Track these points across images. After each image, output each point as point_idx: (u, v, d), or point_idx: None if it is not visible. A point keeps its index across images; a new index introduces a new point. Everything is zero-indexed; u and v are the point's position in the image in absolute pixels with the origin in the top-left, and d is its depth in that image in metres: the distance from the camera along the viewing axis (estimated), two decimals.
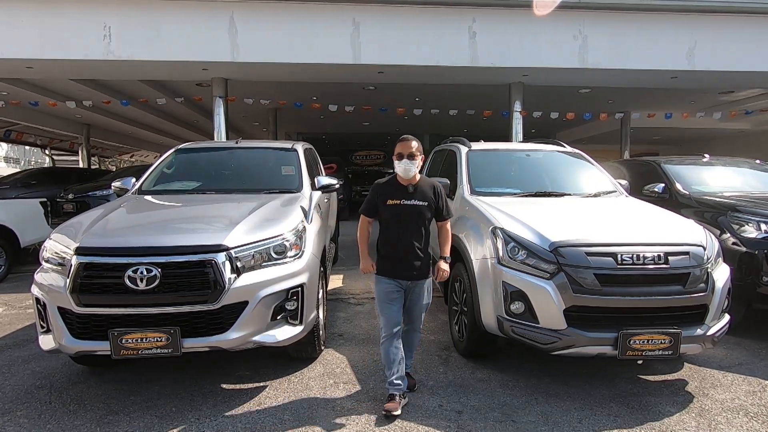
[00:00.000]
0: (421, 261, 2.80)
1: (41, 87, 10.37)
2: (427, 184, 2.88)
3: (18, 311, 4.88)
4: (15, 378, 3.25)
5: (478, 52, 7.44)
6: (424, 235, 2.81)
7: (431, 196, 2.82)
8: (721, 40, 7.66)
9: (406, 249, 2.78)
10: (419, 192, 2.81)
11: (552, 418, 2.71)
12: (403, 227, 2.78)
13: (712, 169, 5.60)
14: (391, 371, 2.77)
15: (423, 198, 2.80)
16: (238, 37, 7.10)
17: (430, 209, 2.81)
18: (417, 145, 2.78)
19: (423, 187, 2.84)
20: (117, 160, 24.88)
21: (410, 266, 2.78)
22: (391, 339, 2.78)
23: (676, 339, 2.76)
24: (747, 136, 16.49)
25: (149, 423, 2.65)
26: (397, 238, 2.79)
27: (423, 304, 2.91)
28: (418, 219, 2.79)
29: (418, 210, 2.78)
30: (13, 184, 8.80)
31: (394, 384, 2.76)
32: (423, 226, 2.81)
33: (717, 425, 2.65)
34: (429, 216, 2.82)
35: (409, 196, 2.79)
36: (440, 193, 2.87)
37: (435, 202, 2.83)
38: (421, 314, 2.95)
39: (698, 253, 2.96)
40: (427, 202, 2.80)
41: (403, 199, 2.78)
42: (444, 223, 2.94)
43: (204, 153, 4.86)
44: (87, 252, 2.71)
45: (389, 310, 2.79)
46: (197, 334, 2.71)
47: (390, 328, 2.78)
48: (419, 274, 2.82)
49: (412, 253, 2.78)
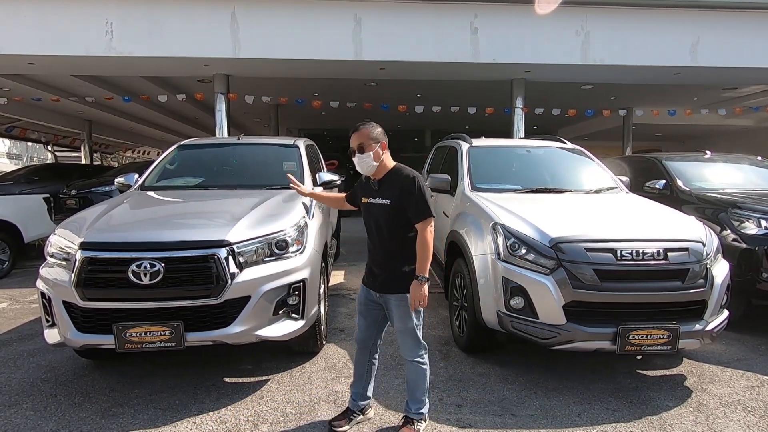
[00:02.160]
0: (385, 272, 2.35)
1: (43, 83, 10.40)
2: (395, 177, 2.35)
3: (23, 306, 4.92)
4: (21, 371, 3.29)
5: (480, 49, 7.44)
6: (389, 240, 2.33)
7: (396, 193, 2.29)
8: (725, 35, 7.64)
9: (372, 255, 2.45)
10: (382, 188, 2.36)
11: (551, 412, 2.73)
12: (370, 229, 2.43)
13: (714, 165, 5.61)
14: (352, 381, 2.60)
15: (385, 195, 2.33)
16: (240, 33, 7.11)
17: (394, 209, 2.29)
18: (367, 132, 2.32)
19: (389, 182, 2.35)
20: (119, 156, 24.94)
21: (374, 275, 2.41)
22: (361, 351, 2.55)
23: (675, 334, 2.78)
24: (749, 133, 16.43)
25: (153, 415, 2.68)
26: (369, 241, 2.47)
27: (399, 327, 2.37)
28: (382, 221, 2.33)
29: (380, 210, 2.34)
30: (16, 180, 8.86)
31: (351, 398, 2.58)
32: (389, 229, 2.32)
33: (715, 420, 2.67)
34: (394, 217, 2.30)
35: (374, 193, 2.38)
36: (410, 187, 2.29)
37: (398, 200, 2.29)
38: (403, 338, 2.39)
39: (697, 249, 2.97)
40: (390, 201, 2.30)
41: (369, 197, 2.40)
42: (420, 227, 2.28)
43: (206, 149, 4.89)
44: (91, 247, 2.73)
45: (360, 322, 2.53)
46: (200, 328, 2.74)
47: (359, 341, 2.54)
48: (384, 288, 2.37)
49: (376, 261, 2.41)
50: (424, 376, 2.44)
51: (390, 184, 2.35)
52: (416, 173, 2.37)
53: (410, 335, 2.39)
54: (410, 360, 2.42)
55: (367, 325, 2.51)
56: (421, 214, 2.27)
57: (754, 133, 16.23)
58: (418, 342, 2.41)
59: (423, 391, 2.45)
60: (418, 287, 2.27)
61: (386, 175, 2.38)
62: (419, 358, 2.42)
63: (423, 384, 2.44)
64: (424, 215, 2.28)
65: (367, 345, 2.53)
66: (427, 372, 2.45)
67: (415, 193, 2.28)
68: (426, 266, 2.28)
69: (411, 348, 2.40)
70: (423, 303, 2.28)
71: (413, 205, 2.28)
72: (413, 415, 2.47)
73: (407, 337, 2.39)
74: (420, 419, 2.47)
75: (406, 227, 2.31)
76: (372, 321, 2.50)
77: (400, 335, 2.41)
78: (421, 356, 2.42)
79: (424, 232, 2.27)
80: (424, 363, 2.44)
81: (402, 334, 2.40)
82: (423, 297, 2.27)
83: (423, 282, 2.27)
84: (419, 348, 2.42)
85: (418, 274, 2.27)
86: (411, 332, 2.38)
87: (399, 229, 2.32)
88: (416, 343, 2.41)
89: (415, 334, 2.39)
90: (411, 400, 2.48)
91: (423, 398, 2.47)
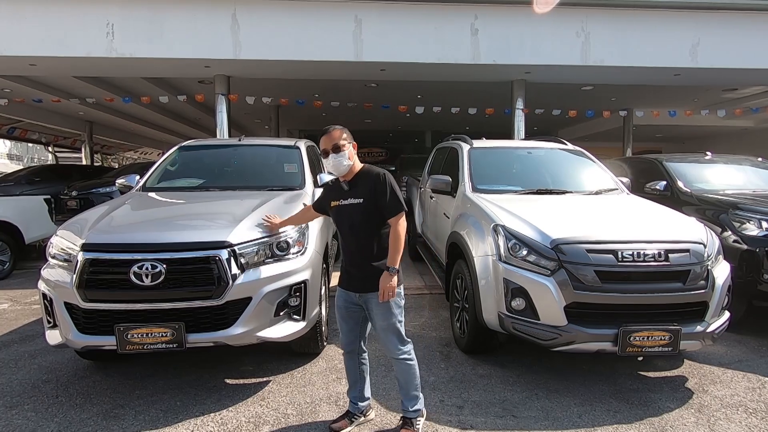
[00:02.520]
0: (363, 271, 2.38)
1: (44, 84, 10.41)
2: (366, 176, 2.42)
3: (23, 307, 4.93)
4: (22, 372, 3.30)
5: (480, 50, 7.44)
6: (365, 238, 2.38)
7: (368, 192, 2.37)
8: (725, 36, 7.64)
9: (348, 256, 2.46)
10: (354, 189, 2.42)
11: (552, 413, 2.73)
12: (344, 231, 2.46)
13: (714, 166, 5.61)
14: (348, 388, 2.63)
15: (358, 195, 2.39)
16: (241, 34, 7.12)
17: (368, 207, 2.36)
18: (339, 133, 2.39)
19: (360, 181, 2.42)
20: (120, 157, 24.96)
21: (351, 276, 2.44)
22: (348, 355, 2.57)
23: (676, 335, 2.78)
24: (750, 134, 16.43)
25: (154, 417, 2.69)
26: (344, 243, 2.49)
27: (381, 325, 2.40)
28: (356, 220, 2.38)
29: (354, 210, 2.39)
30: (17, 181, 8.87)
31: (350, 401, 2.61)
32: (363, 228, 2.37)
33: (716, 421, 2.67)
34: (368, 215, 2.36)
35: (345, 194, 2.44)
36: (381, 185, 2.35)
37: (371, 198, 2.36)
38: (387, 336, 2.41)
39: (698, 250, 2.97)
40: (362, 199, 2.37)
41: (341, 199, 2.44)
42: (393, 221, 2.35)
43: (207, 150, 4.89)
44: (93, 248, 2.74)
45: (342, 327, 2.54)
46: (202, 330, 2.74)
47: (345, 346, 2.56)
48: (363, 287, 2.39)
49: (353, 261, 2.43)
50: (414, 372, 2.46)
51: (361, 183, 2.42)
52: (385, 171, 2.45)
53: (393, 331, 2.41)
54: (396, 358, 2.44)
55: (350, 328, 2.53)
56: (394, 209, 2.35)
57: (755, 134, 16.22)
58: (401, 338, 2.43)
59: (415, 386, 2.47)
60: (388, 277, 2.30)
61: (356, 176, 2.44)
62: (405, 354, 2.43)
63: (413, 380, 2.46)
64: (398, 210, 2.35)
65: (353, 348, 2.56)
66: (415, 367, 2.46)
67: (387, 190, 2.35)
68: (397, 258, 2.33)
69: (396, 345, 2.42)
70: (392, 294, 2.31)
71: (386, 202, 2.34)
72: (410, 414, 2.49)
73: (390, 334, 2.41)
74: (417, 416, 2.49)
75: (381, 224, 2.38)
76: (354, 324, 2.51)
77: (383, 333, 2.42)
78: (407, 352, 2.44)
79: (397, 226, 2.34)
80: (411, 359, 2.46)
81: (385, 331, 2.41)
82: (392, 287, 2.30)
83: (393, 273, 2.31)
84: (403, 344, 2.44)
85: (389, 265, 2.32)
86: (394, 328, 2.40)
87: (373, 227, 2.38)
88: (400, 339, 2.43)
89: (398, 329, 2.41)
90: (405, 398, 2.49)
91: (416, 394, 2.49)
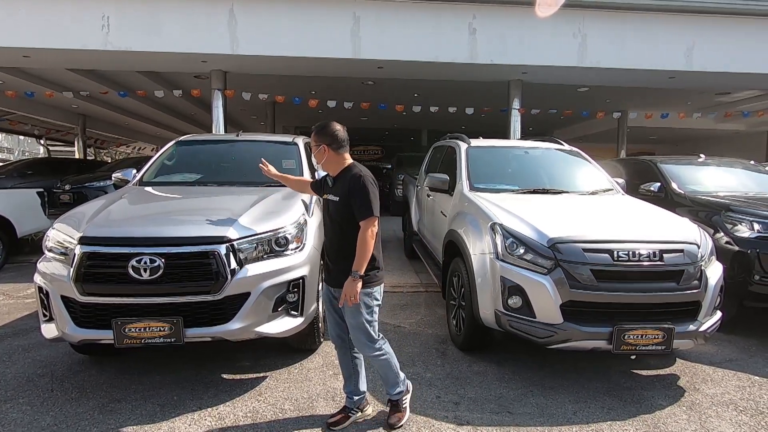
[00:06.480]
0: (337, 267, 2.43)
1: (38, 77, 10.29)
2: (346, 175, 2.42)
3: (16, 301, 4.88)
4: (16, 366, 3.27)
5: (478, 49, 7.47)
6: (340, 236, 2.41)
7: (345, 191, 2.37)
8: (719, 41, 7.73)
9: (327, 250, 2.54)
10: (335, 186, 2.45)
11: (547, 410, 2.77)
12: (326, 225, 2.53)
13: (708, 169, 5.67)
14: (343, 383, 2.65)
15: (337, 192, 2.42)
16: (238, 29, 7.09)
17: (343, 206, 2.37)
18: (312, 135, 2.44)
19: (341, 179, 2.43)
20: (113, 152, 24.74)
21: (330, 271, 2.51)
22: (340, 349, 2.61)
23: (670, 334, 2.82)
24: (742, 137, 16.64)
25: (151, 411, 2.68)
26: (325, 237, 2.57)
27: (350, 323, 2.42)
28: (334, 217, 2.43)
29: (333, 206, 2.43)
30: (9, 174, 8.75)
31: (346, 396, 2.64)
32: (340, 225, 2.40)
33: (707, 419, 2.72)
34: (344, 214, 2.37)
35: (329, 189, 2.49)
36: (356, 187, 2.34)
37: (346, 198, 2.36)
38: (355, 334, 2.43)
39: (692, 251, 3.02)
40: (339, 198, 2.39)
41: (327, 193, 2.50)
42: (362, 225, 2.31)
43: (205, 145, 4.87)
44: (91, 242, 2.72)
45: (329, 319, 2.60)
46: (200, 324, 2.74)
47: (334, 339, 2.61)
48: (337, 282, 2.44)
49: (330, 255, 2.50)
50: (389, 363, 2.52)
51: (341, 182, 2.43)
52: (365, 173, 2.41)
53: (361, 331, 2.41)
54: (368, 356, 2.48)
55: (336, 321, 2.57)
56: (362, 213, 2.32)
57: (747, 137, 16.44)
58: (370, 337, 2.44)
59: (394, 374, 2.56)
60: (351, 283, 2.30)
61: (340, 173, 2.45)
62: (376, 352, 2.47)
63: (391, 369, 2.54)
64: (365, 214, 2.31)
65: (343, 340, 2.58)
66: (389, 358, 2.52)
67: (359, 192, 2.32)
68: (363, 264, 2.31)
69: (364, 343, 2.44)
70: (354, 299, 2.30)
71: (357, 204, 2.33)
72: (394, 396, 2.60)
73: (358, 333, 2.43)
74: (401, 396, 2.61)
75: (354, 224, 2.34)
76: (339, 317, 2.55)
77: (352, 330, 2.45)
78: (378, 349, 2.47)
79: (365, 231, 2.30)
80: (383, 353, 2.49)
81: (353, 329, 2.44)
82: (354, 293, 2.29)
83: (356, 278, 2.30)
84: (372, 342, 2.45)
85: (353, 270, 2.31)
86: (361, 327, 2.41)
87: (347, 226, 2.37)
88: (368, 338, 2.44)
89: (366, 329, 2.41)
90: (387, 386, 2.61)
91: (397, 380, 2.58)
